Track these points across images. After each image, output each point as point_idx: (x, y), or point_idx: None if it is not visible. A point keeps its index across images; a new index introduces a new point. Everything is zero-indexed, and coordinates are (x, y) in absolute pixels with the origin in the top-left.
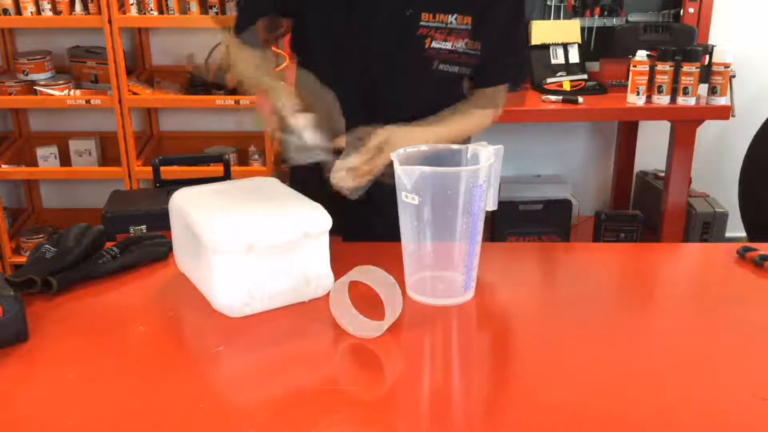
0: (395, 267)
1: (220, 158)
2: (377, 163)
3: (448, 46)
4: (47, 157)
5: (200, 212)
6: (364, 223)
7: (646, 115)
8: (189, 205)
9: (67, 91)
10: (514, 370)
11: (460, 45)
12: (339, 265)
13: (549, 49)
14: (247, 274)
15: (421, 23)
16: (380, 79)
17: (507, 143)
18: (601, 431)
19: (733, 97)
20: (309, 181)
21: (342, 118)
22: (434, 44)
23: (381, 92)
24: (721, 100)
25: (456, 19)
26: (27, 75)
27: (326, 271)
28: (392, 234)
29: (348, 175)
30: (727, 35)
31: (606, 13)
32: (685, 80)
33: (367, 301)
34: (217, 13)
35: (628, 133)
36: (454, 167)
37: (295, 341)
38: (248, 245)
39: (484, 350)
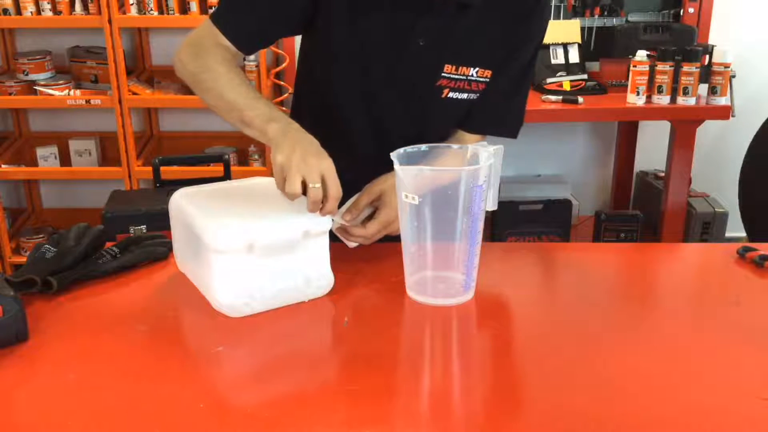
0: (395, 267)
1: (220, 158)
2: (370, 231)
3: (461, 77)
4: (47, 157)
5: (200, 212)
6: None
7: (646, 115)
8: (189, 205)
9: (67, 91)
10: (514, 370)
11: (472, 73)
12: (339, 265)
13: (549, 49)
14: (247, 273)
15: (443, 74)
16: (386, 103)
17: (507, 143)
18: (601, 431)
19: (733, 97)
20: None
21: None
22: (448, 82)
23: (387, 114)
24: (721, 100)
25: (477, 72)
26: (27, 75)
27: (326, 271)
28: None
29: (339, 232)
30: (727, 35)
31: (606, 13)
32: (685, 80)
33: (365, 304)
34: None
35: (628, 133)
36: (454, 167)
37: (295, 341)
38: (249, 245)
39: (484, 350)
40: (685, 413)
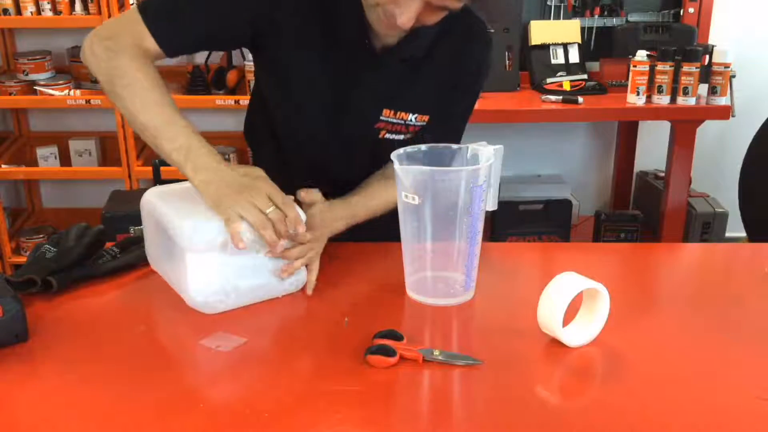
0: (395, 267)
1: None
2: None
3: (399, 120)
4: (47, 157)
5: (173, 211)
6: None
7: (646, 115)
8: (161, 205)
9: (67, 91)
10: (514, 370)
11: (411, 118)
12: (339, 265)
13: (549, 49)
14: (221, 271)
15: (381, 118)
16: (325, 145)
17: (507, 143)
18: (600, 431)
19: (733, 97)
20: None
21: None
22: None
23: (325, 156)
24: (721, 100)
25: (416, 117)
26: (27, 75)
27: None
28: (382, 236)
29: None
30: (727, 35)
31: (606, 13)
32: (685, 80)
33: (365, 303)
34: None
35: (628, 133)
36: (454, 167)
37: (296, 341)
38: (222, 243)
39: (484, 350)
40: (684, 413)
